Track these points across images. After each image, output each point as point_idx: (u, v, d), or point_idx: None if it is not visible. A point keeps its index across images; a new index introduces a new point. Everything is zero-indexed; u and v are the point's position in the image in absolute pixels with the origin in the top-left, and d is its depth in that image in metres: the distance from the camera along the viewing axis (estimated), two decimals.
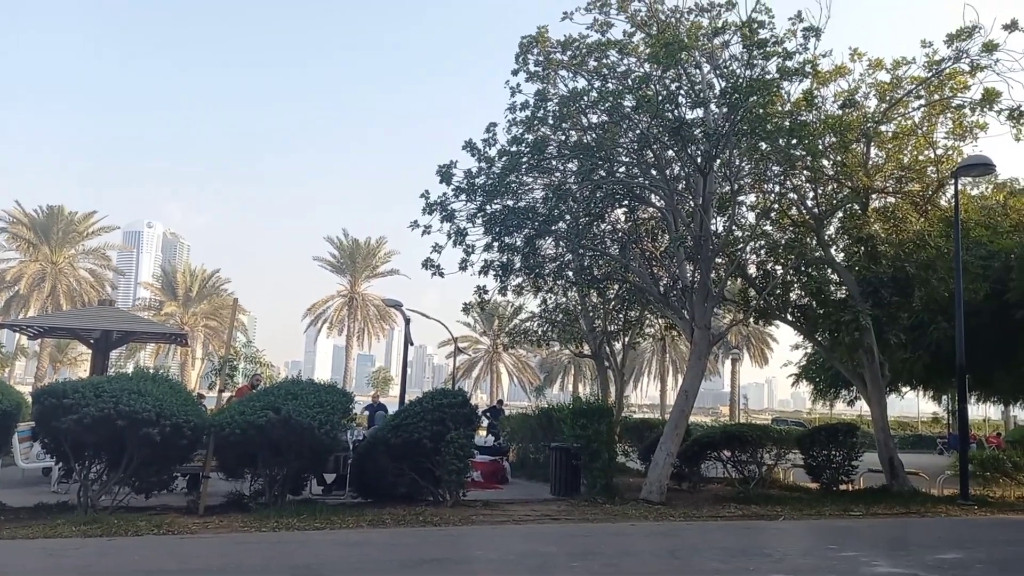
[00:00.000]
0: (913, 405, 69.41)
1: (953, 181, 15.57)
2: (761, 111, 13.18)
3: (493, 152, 14.87)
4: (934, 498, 15.37)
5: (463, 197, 14.91)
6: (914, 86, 15.65)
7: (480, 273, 15.84)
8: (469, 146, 14.95)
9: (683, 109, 13.61)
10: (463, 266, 15.46)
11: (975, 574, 8.20)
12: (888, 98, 15.85)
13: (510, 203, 15.07)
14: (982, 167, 14.78)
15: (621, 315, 22.22)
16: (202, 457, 10.91)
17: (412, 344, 26.42)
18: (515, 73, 14.73)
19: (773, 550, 9.55)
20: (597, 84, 14.38)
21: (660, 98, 13.26)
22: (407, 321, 27.00)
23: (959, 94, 15.40)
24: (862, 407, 32.90)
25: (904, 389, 31.30)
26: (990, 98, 14.68)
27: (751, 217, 17.40)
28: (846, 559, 9.03)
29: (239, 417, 10.38)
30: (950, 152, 16.14)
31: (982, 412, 60.26)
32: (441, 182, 14.79)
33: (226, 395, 12.01)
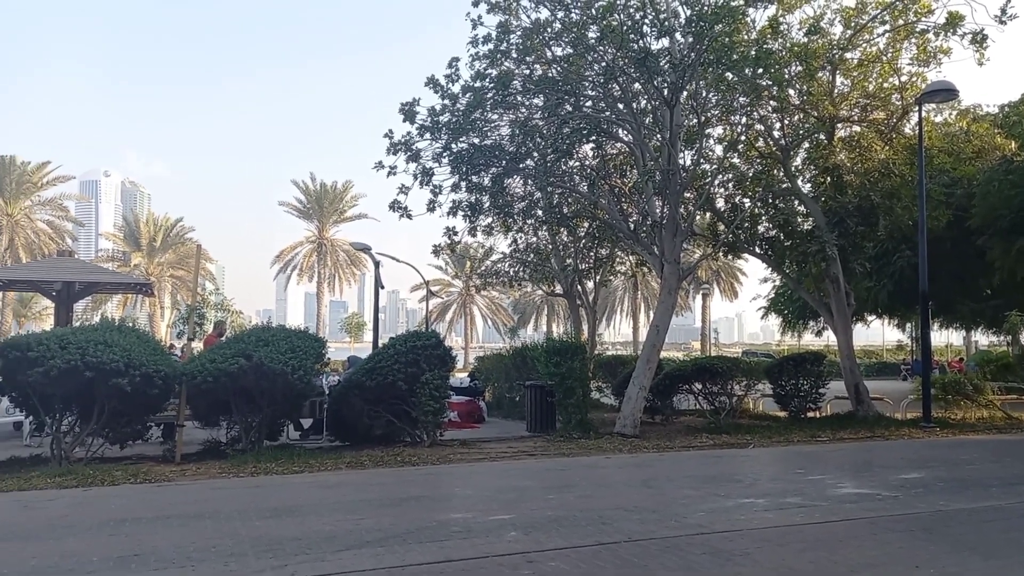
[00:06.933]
0: (878, 334, 71.22)
1: (917, 108, 15.60)
2: (727, 40, 12.99)
3: (456, 88, 14.54)
4: (898, 422, 15.83)
5: (428, 136, 14.63)
6: (879, 11, 15.52)
7: (449, 214, 15.66)
8: (432, 83, 14.57)
9: (648, 39, 13.38)
10: (431, 207, 15.26)
11: (935, 492, 8.49)
12: (853, 24, 15.72)
13: (476, 141, 14.82)
14: (946, 92, 14.78)
15: (592, 253, 22.25)
16: (175, 406, 10.86)
17: (383, 288, 26.27)
18: (476, 4, 14.25)
19: (743, 476, 9.80)
20: (560, 15, 14.03)
21: (625, 28, 13.00)
22: (377, 265, 26.80)
23: (923, 18, 15.30)
24: (829, 337, 33.58)
25: (870, 318, 32.02)
26: (954, 22, 14.61)
27: (718, 150, 17.38)
28: (813, 482, 9.30)
29: (210, 365, 10.29)
30: (914, 79, 16.15)
31: (944, 338, 62.01)
32: (405, 120, 14.46)
33: (194, 344, 11.85)
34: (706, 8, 12.89)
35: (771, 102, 15.61)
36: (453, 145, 14.66)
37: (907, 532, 6.50)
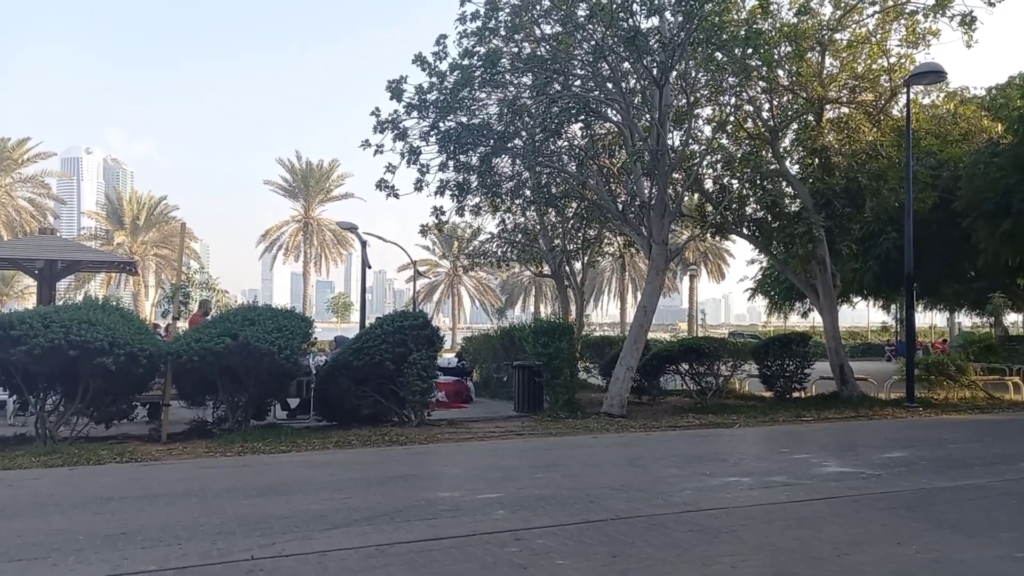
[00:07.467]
0: (863, 315, 71.89)
1: (905, 90, 15.62)
2: (717, 19, 12.94)
3: (444, 66, 14.38)
4: (881, 402, 15.99)
5: (415, 114, 14.48)
6: None
7: (436, 194, 15.57)
8: (419, 60, 14.40)
9: (638, 18, 13.26)
10: (418, 186, 15.17)
11: (918, 470, 8.58)
12: (843, 5, 15.67)
13: (464, 120, 14.69)
14: (934, 74, 14.81)
15: (580, 233, 22.24)
16: (161, 386, 10.80)
17: (370, 267, 26.16)
18: None
19: (729, 455, 9.88)
20: None
21: (615, 6, 12.89)
22: (364, 244, 26.68)
23: None
24: (815, 318, 33.83)
25: (855, 299, 32.35)
26: (943, 3, 14.59)
27: (707, 130, 17.32)
28: (797, 461, 9.39)
29: (196, 344, 10.22)
30: (903, 60, 16.15)
31: (929, 320, 62.64)
32: (392, 99, 14.32)
33: (179, 324, 11.75)
34: None
35: (760, 83, 15.57)
36: (441, 124, 14.52)
37: (890, 510, 6.58)
